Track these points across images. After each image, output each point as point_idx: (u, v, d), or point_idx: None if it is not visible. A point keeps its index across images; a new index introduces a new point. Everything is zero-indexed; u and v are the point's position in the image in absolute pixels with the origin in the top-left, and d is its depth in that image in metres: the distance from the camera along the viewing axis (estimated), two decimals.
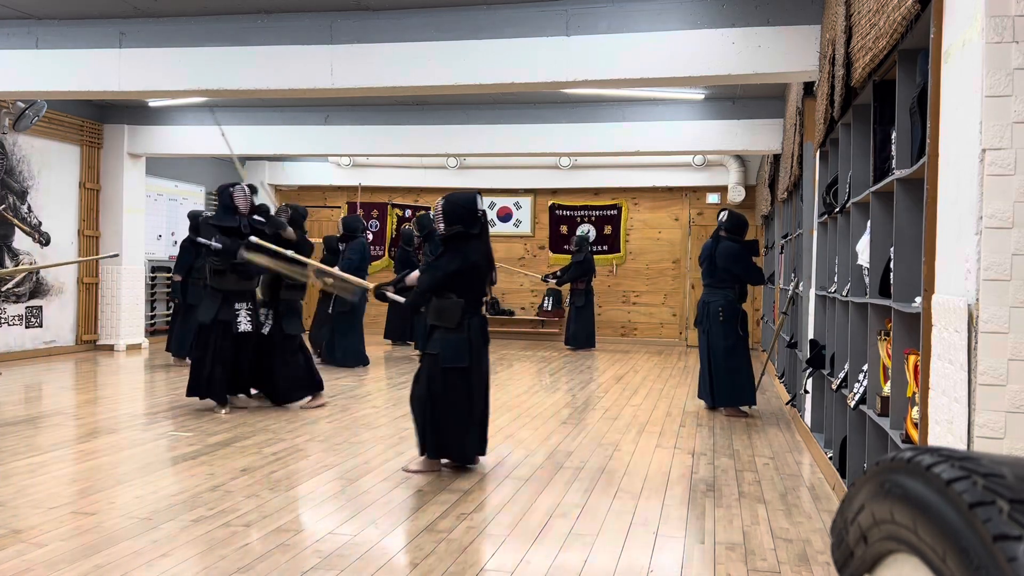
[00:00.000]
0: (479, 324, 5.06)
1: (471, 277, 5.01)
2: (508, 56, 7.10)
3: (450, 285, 4.97)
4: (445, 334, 4.95)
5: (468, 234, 4.99)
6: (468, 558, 3.54)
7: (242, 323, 6.82)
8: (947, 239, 2.76)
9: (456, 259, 4.95)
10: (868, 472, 0.91)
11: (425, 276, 5.08)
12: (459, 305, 4.95)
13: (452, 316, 4.94)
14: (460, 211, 5.01)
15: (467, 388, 4.97)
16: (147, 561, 3.41)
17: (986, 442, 2.39)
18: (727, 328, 7.28)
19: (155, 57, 7.74)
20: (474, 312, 5.04)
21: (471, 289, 5.02)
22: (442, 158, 14.05)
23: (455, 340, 4.93)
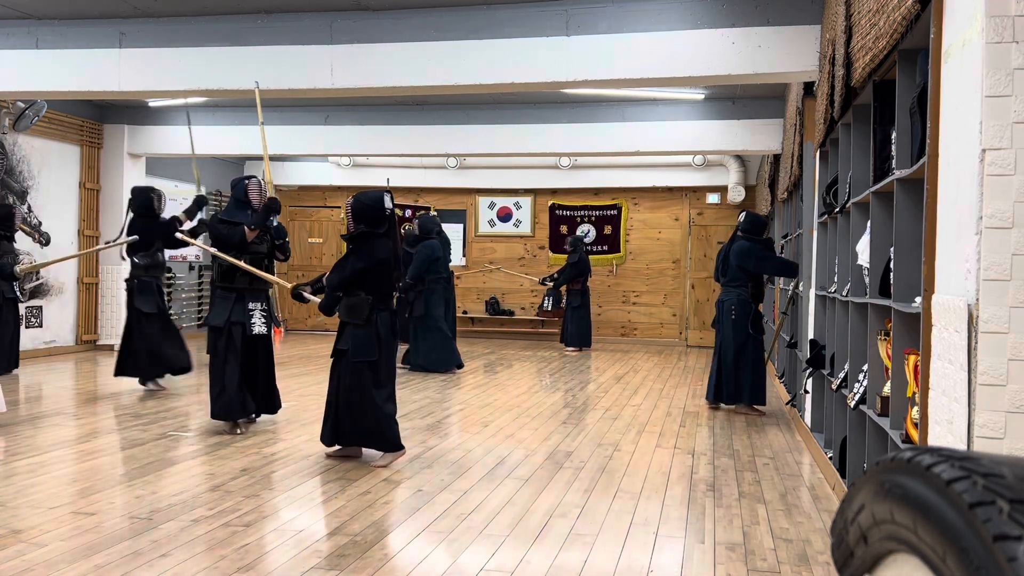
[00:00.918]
0: (387, 319, 5.23)
1: (378, 274, 5.17)
2: (508, 56, 7.10)
3: (358, 283, 5.15)
4: (354, 330, 5.14)
5: (374, 233, 5.15)
6: (468, 558, 3.54)
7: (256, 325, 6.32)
8: (947, 239, 2.76)
9: (362, 257, 5.12)
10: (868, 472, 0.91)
11: (333, 275, 5.25)
12: (367, 302, 5.14)
13: (360, 312, 5.13)
14: (367, 210, 5.17)
15: (376, 380, 5.14)
16: (147, 561, 3.41)
17: (986, 442, 2.39)
18: (738, 326, 7.32)
19: (155, 57, 7.74)
20: (383, 308, 5.21)
21: (379, 286, 5.19)
22: (442, 158, 14.05)
23: (364, 335, 5.12)
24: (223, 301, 6.30)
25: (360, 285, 5.15)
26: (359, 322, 5.13)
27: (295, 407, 7.30)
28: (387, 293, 5.26)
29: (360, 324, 5.13)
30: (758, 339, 7.36)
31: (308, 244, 15.80)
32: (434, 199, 15.21)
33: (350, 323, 5.17)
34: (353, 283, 5.15)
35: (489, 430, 6.41)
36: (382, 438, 5.19)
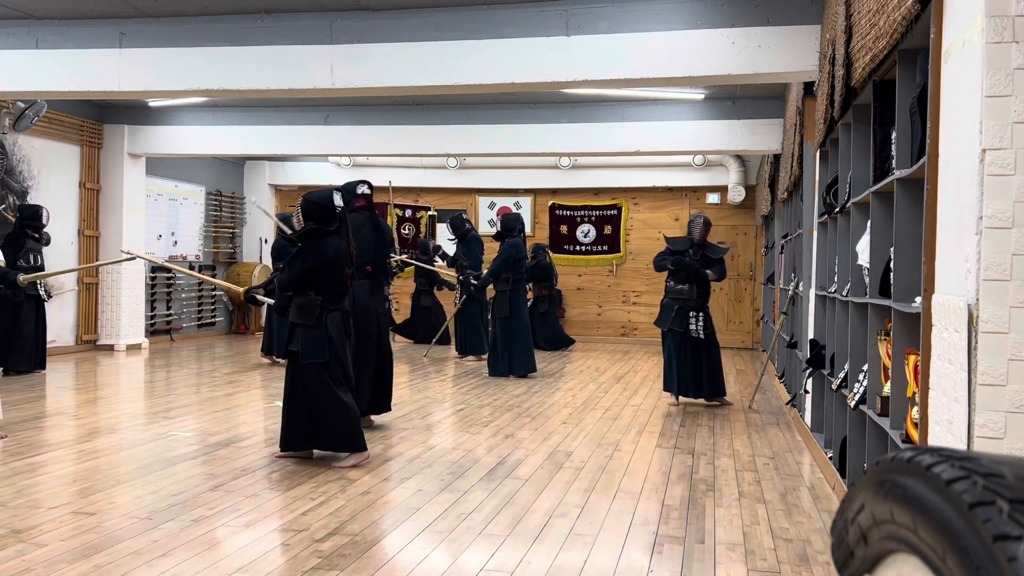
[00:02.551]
0: (338, 319, 5.20)
1: (328, 274, 5.15)
2: (508, 56, 7.10)
3: (308, 283, 5.12)
4: (304, 331, 5.12)
5: (324, 231, 5.13)
6: (468, 558, 3.54)
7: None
8: (947, 239, 2.76)
9: (311, 257, 5.11)
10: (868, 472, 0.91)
11: (283, 275, 5.23)
12: (316, 302, 5.11)
13: (310, 313, 5.10)
14: (317, 208, 5.16)
15: (328, 381, 5.11)
16: (147, 561, 3.41)
17: (986, 442, 2.39)
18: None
19: (155, 57, 7.74)
20: (333, 307, 5.18)
21: (329, 286, 5.16)
22: (442, 158, 14.05)
23: (313, 336, 5.09)
24: None
25: (310, 285, 5.11)
26: (309, 323, 5.09)
27: None
28: (338, 292, 5.22)
29: (310, 325, 5.09)
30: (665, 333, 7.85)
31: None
32: (434, 199, 15.21)
33: (300, 324, 5.13)
34: (303, 283, 5.11)
35: (489, 430, 6.41)
36: (347, 438, 5.15)
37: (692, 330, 7.64)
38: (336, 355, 5.13)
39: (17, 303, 8.94)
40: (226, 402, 7.57)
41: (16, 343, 8.93)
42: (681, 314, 7.70)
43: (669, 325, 7.73)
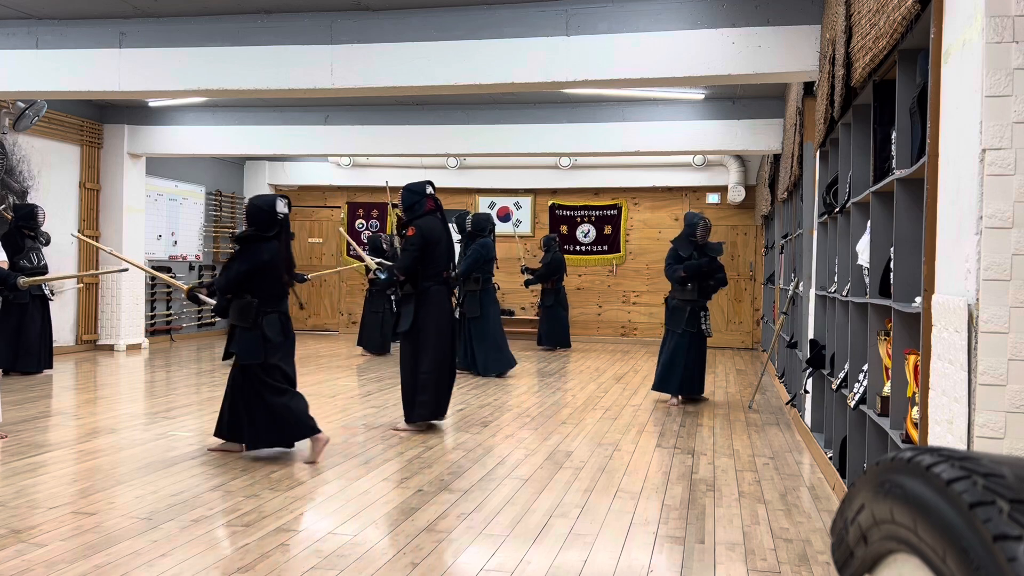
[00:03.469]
0: (276, 321, 5.28)
1: (264, 277, 5.24)
2: (508, 56, 7.10)
3: (245, 285, 5.21)
4: (242, 332, 5.21)
5: (262, 236, 5.24)
6: (468, 558, 3.54)
7: None
8: (947, 239, 2.76)
9: (247, 260, 5.20)
10: (868, 472, 0.91)
11: (220, 277, 5.33)
12: (253, 304, 5.20)
13: (247, 315, 5.20)
14: (259, 213, 5.28)
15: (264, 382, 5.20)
16: (147, 561, 3.41)
17: (986, 442, 2.39)
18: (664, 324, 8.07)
19: (155, 57, 7.74)
20: (270, 310, 5.26)
21: (265, 289, 5.24)
22: (442, 158, 14.05)
23: (250, 338, 5.19)
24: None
25: (247, 288, 5.21)
26: (246, 324, 5.19)
27: None
28: (275, 295, 5.30)
29: (247, 327, 5.19)
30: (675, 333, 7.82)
31: (308, 244, 15.80)
32: None
33: (238, 326, 5.23)
34: (240, 285, 5.21)
35: (489, 430, 6.41)
36: (283, 433, 5.25)
37: (704, 329, 7.83)
38: (276, 356, 5.24)
39: (22, 304, 8.93)
40: None
41: (23, 346, 8.92)
42: (694, 314, 7.82)
43: (683, 326, 7.79)
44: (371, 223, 15.47)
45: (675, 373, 7.77)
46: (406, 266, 6.22)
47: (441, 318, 6.33)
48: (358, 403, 7.59)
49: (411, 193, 6.41)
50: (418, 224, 6.27)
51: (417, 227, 6.26)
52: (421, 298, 6.29)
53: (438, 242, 6.30)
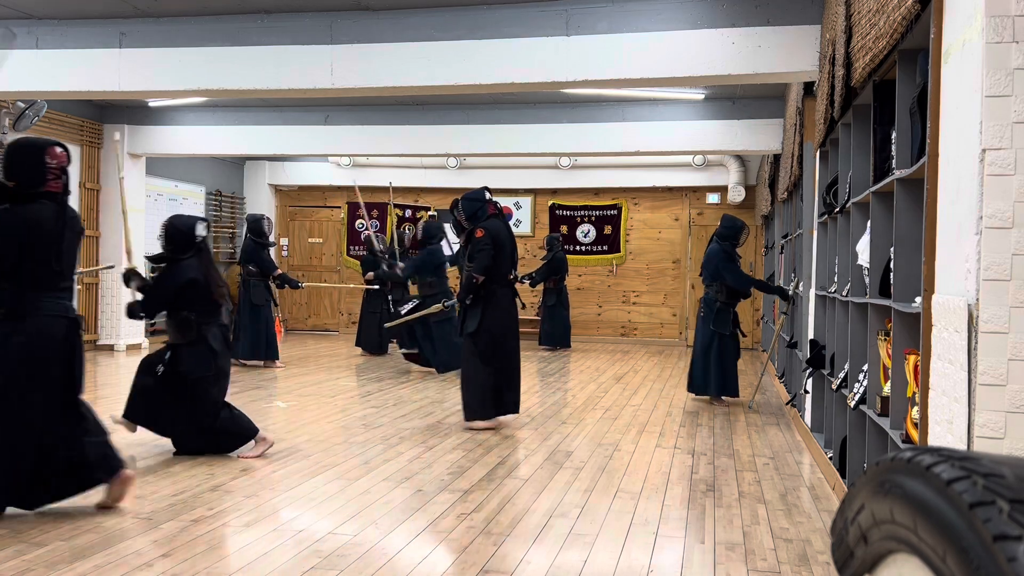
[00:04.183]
0: (219, 333, 5.35)
1: (194, 293, 5.26)
2: (508, 56, 7.10)
3: (177, 303, 5.26)
4: (189, 349, 5.25)
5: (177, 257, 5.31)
6: (468, 558, 3.54)
7: None
8: (947, 239, 2.76)
9: (174, 278, 5.27)
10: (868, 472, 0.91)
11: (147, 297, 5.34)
12: (192, 319, 5.25)
13: (188, 330, 5.25)
14: (177, 235, 5.37)
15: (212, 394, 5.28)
16: (147, 561, 3.41)
17: (986, 442, 2.39)
18: (703, 324, 7.88)
19: (155, 57, 7.74)
20: (210, 322, 5.31)
21: (199, 304, 5.27)
22: (442, 158, 14.05)
23: (198, 352, 5.23)
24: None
25: (181, 305, 5.25)
26: (189, 339, 5.24)
27: (295, 407, 7.30)
28: (210, 309, 5.34)
29: (191, 341, 5.24)
30: (725, 336, 7.75)
31: (308, 244, 15.80)
32: (434, 199, 15.21)
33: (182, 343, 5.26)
34: (169, 302, 5.28)
35: (489, 430, 6.41)
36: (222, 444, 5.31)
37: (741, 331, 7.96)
38: (220, 368, 5.32)
39: None
40: None
41: None
42: (735, 317, 7.92)
43: (730, 328, 7.83)
44: (371, 223, 15.47)
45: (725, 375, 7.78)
46: (484, 266, 6.33)
47: (507, 320, 6.49)
48: (358, 403, 7.59)
49: (471, 202, 6.53)
50: (485, 226, 6.40)
51: (485, 229, 6.39)
52: (488, 300, 6.40)
53: (504, 245, 6.45)
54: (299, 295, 15.46)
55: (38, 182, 4.00)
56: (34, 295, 3.94)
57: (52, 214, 4.00)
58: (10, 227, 3.89)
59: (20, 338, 3.88)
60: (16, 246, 3.87)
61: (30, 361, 3.91)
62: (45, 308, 3.96)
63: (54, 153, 4.05)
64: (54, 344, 3.98)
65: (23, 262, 3.89)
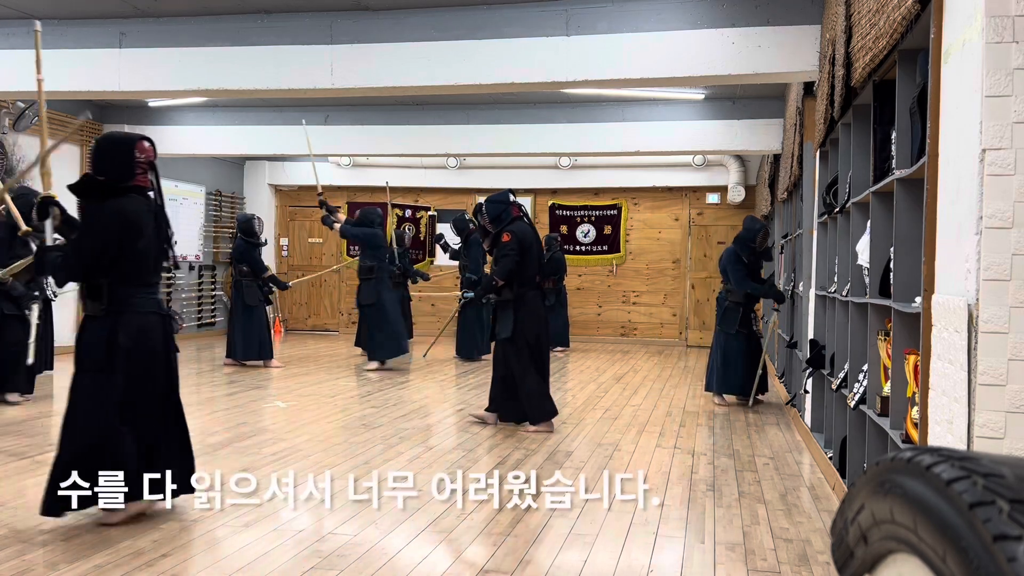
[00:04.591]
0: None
1: None
2: (508, 56, 7.10)
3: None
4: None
5: None
6: (468, 558, 3.54)
7: None
8: (947, 239, 2.76)
9: None
10: (868, 472, 0.91)
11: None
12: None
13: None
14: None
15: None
16: (147, 561, 3.41)
17: (986, 442, 2.39)
18: (717, 324, 7.97)
19: (155, 57, 7.74)
20: None
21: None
22: (442, 158, 14.04)
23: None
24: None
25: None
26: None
27: (295, 407, 7.30)
28: None
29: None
30: (730, 335, 7.78)
31: (308, 244, 15.80)
32: (434, 199, 15.21)
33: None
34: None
35: (489, 430, 6.41)
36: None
37: (757, 331, 7.90)
38: None
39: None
40: (226, 402, 7.57)
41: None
42: (747, 316, 7.88)
43: (738, 327, 7.83)
44: None
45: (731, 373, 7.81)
46: (508, 271, 6.29)
47: (539, 323, 6.46)
48: (358, 403, 7.59)
49: (495, 204, 6.50)
50: (512, 230, 6.37)
51: (512, 232, 6.34)
52: (519, 304, 6.37)
53: (530, 248, 6.41)
54: (299, 295, 15.46)
55: (127, 176, 3.97)
56: (129, 291, 3.91)
57: (143, 208, 3.99)
58: (107, 222, 3.86)
59: (121, 335, 3.83)
60: (114, 241, 3.84)
61: (134, 358, 3.87)
62: (140, 304, 3.93)
63: (143, 147, 4.02)
64: (153, 340, 3.95)
65: (119, 257, 3.86)
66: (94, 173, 3.99)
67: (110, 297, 3.87)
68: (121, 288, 3.89)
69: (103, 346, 3.82)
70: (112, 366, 3.83)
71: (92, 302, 3.91)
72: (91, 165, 4.02)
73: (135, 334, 3.88)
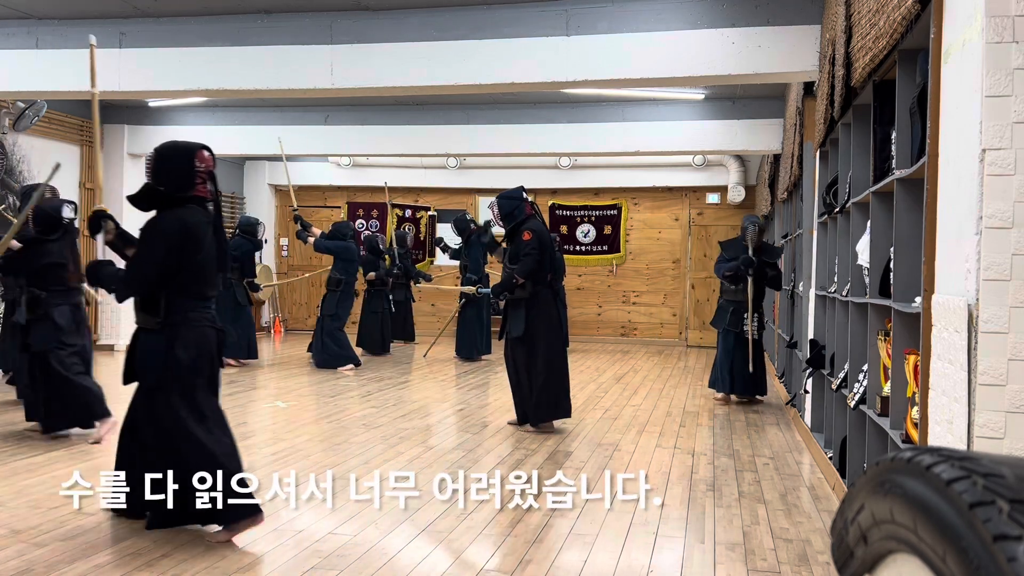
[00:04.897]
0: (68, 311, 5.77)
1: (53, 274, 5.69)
2: (508, 56, 7.10)
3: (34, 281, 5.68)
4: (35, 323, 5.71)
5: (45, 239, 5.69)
6: (468, 558, 3.54)
7: None
8: (947, 239, 2.76)
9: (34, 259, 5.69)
10: (868, 472, 0.91)
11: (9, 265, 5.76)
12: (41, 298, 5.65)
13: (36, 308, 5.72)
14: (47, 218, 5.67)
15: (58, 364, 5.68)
16: (147, 561, 3.41)
17: (986, 442, 2.39)
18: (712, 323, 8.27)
19: (155, 57, 7.74)
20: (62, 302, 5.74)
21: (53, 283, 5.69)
22: (442, 158, 14.04)
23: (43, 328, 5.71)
24: None
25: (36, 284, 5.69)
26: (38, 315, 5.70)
27: (295, 407, 7.30)
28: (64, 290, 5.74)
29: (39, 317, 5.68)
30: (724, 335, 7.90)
31: (308, 244, 15.78)
32: (434, 199, 15.20)
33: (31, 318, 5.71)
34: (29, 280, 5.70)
35: (489, 430, 6.41)
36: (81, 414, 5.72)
37: (746, 331, 7.82)
38: (62, 342, 5.62)
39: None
40: (226, 402, 7.53)
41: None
42: (737, 315, 7.86)
43: (725, 325, 7.90)
44: (371, 223, 15.46)
45: (722, 372, 7.89)
46: (531, 270, 6.27)
47: (551, 321, 6.43)
48: (358, 403, 7.59)
49: (509, 200, 6.48)
50: (531, 228, 6.37)
51: (532, 231, 6.34)
52: (531, 302, 6.34)
53: (547, 247, 6.41)
54: (299, 295, 15.48)
55: (187, 186, 3.86)
56: (186, 304, 3.79)
57: (202, 219, 3.87)
58: (170, 233, 3.74)
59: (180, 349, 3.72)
60: (176, 253, 3.71)
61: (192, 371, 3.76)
62: (196, 318, 3.81)
63: (202, 157, 3.94)
64: (208, 355, 3.84)
65: (178, 270, 3.74)
66: (153, 183, 3.87)
67: (167, 310, 3.75)
68: (178, 301, 3.77)
69: (160, 360, 3.71)
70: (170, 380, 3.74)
71: (146, 315, 3.80)
72: (150, 174, 3.89)
73: (191, 348, 3.76)
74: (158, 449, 3.72)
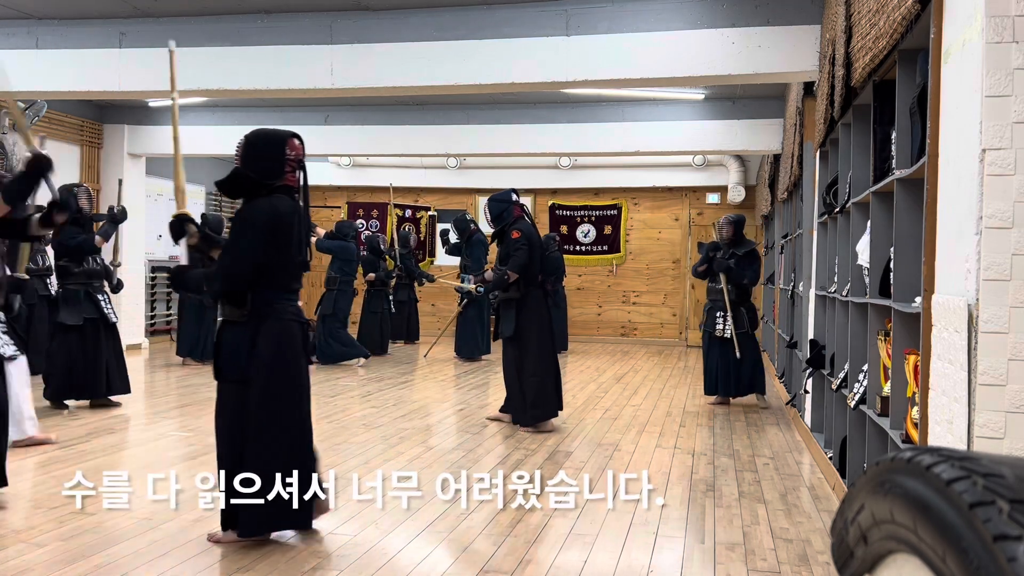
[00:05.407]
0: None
1: None
2: (508, 56, 7.10)
3: None
4: None
5: None
6: (468, 558, 3.54)
7: None
8: (947, 239, 2.76)
9: None
10: (868, 472, 0.91)
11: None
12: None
13: None
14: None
15: None
16: (147, 561, 3.41)
17: (986, 442, 2.39)
18: None
19: (155, 57, 7.73)
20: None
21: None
22: (442, 158, 14.04)
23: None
24: None
25: None
26: None
27: None
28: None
29: None
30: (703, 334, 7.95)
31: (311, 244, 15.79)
32: (434, 199, 15.21)
33: None
34: None
35: (489, 430, 6.41)
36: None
37: (718, 330, 7.72)
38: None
39: (29, 305, 8.84)
40: None
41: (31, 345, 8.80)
42: (711, 314, 7.84)
43: (702, 325, 7.98)
44: (371, 223, 15.46)
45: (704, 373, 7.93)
46: (521, 265, 6.32)
47: (542, 321, 6.49)
48: (358, 403, 7.59)
49: (498, 203, 6.56)
50: (520, 227, 6.44)
51: (520, 230, 6.40)
52: (522, 303, 6.41)
53: (536, 246, 6.46)
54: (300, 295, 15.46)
55: (277, 175, 3.72)
56: (272, 296, 3.66)
57: (291, 209, 3.71)
58: (262, 224, 3.60)
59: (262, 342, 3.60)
60: (270, 243, 3.59)
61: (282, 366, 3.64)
62: (282, 311, 3.69)
63: (293, 144, 3.77)
64: (294, 348, 3.71)
65: (266, 260, 3.60)
66: (244, 169, 3.74)
67: (254, 302, 3.62)
68: (266, 293, 3.64)
69: (244, 354, 3.58)
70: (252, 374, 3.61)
71: (232, 307, 3.64)
72: (240, 160, 3.76)
73: (276, 342, 3.64)
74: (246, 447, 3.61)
